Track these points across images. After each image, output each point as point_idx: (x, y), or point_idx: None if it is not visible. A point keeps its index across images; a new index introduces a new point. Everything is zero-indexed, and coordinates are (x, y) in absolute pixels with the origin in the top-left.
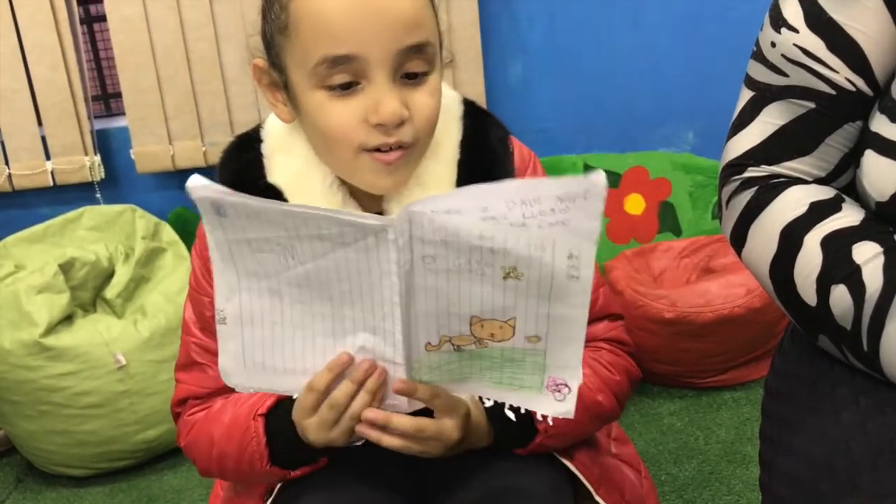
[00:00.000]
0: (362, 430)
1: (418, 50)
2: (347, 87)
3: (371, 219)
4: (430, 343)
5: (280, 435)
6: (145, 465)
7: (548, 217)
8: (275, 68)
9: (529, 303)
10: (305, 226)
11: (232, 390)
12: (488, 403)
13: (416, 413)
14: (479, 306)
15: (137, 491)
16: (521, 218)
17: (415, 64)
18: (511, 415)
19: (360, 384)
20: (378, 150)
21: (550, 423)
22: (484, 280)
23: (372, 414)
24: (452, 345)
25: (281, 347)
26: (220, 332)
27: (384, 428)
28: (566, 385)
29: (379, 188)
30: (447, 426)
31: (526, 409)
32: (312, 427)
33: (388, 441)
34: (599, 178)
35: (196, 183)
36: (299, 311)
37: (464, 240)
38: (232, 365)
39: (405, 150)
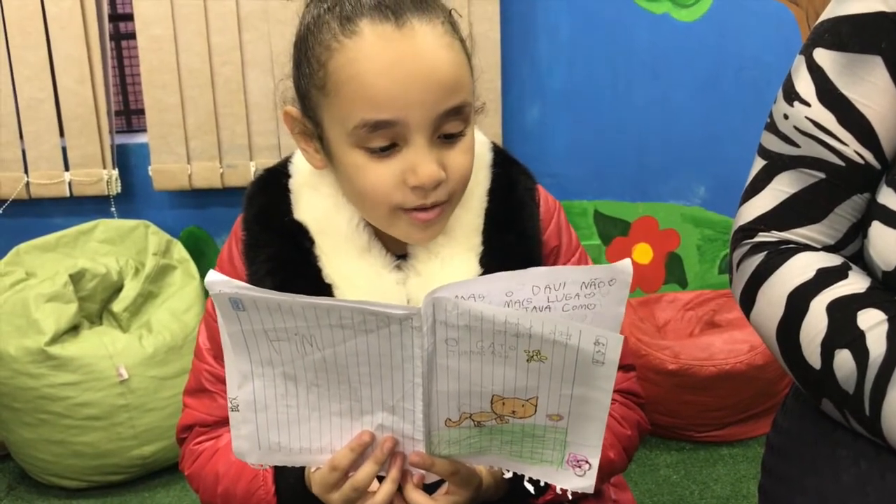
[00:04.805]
0: None
1: (457, 112)
2: (385, 150)
3: (396, 309)
4: (449, 419)
5: (288, 484)
6: (139, 480)
7: (572, 301)
8: (309, 119)
9: (553, 384)
10: (327, 316)
11: None
12: (508, 475)
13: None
14: (501, 385)
15: None
16: (545, 301)
17: (452, 125)
18: (530, 487)
19: (382, 464)
20: (415, 209)
21: (570, 498)
22: (507, 362)
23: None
24: (473, 420)
25: (297, 428)
26: (233, 417)
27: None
28: (587, 461)
29: (414, 241)
30: (459, 501)
31: (546, 482)
32: (336, 502)
33: None
34: (626, 266)
35: (214, 279)
36: (315, 394)
37: (487, 325)
38: (247, 447)
39: (441, 206)
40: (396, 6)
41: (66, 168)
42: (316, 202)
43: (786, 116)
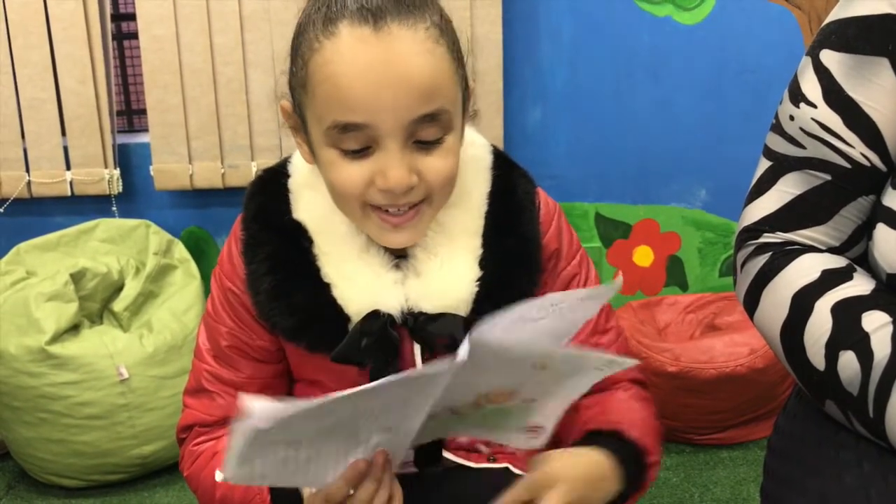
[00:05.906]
0: None
1: (432, 119)
2: (358, 152)
3: (440, 365)
4: (431, 415)
5: (283, 492)
6: (138, 480)
7: (564, 308)
8: (297, 115)
9: (544, 384)
10: (367, 396)
11: None
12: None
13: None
14: (492, 386)
15: None
16: (543, 315)
17: (427, 132)
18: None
19: (380, 481)
20: (387, 210)
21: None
22: (511, 372)
23: None
24: (450, 410)
25: (293, 470)
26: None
27: None
28: (542, 427)
29: (389, 244)
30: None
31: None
32: None
33: None
34: (618, 285)
35: (259, 413)
36: (315, 447)
37: (502, 354)
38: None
39: (416, 209)
40: (378, 10)
41: (68, 167)
42: (315, 202)
43: (791, 118)
